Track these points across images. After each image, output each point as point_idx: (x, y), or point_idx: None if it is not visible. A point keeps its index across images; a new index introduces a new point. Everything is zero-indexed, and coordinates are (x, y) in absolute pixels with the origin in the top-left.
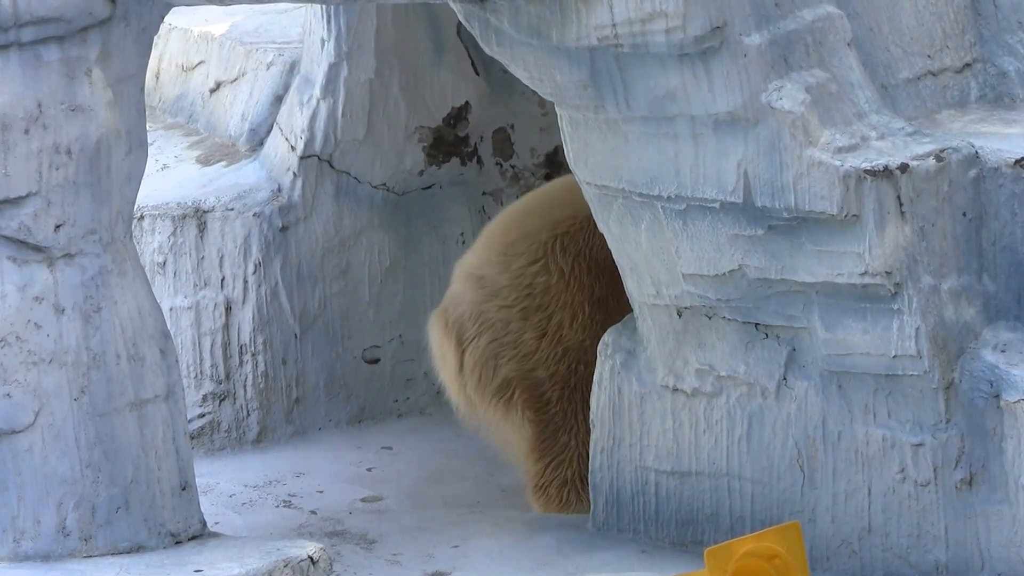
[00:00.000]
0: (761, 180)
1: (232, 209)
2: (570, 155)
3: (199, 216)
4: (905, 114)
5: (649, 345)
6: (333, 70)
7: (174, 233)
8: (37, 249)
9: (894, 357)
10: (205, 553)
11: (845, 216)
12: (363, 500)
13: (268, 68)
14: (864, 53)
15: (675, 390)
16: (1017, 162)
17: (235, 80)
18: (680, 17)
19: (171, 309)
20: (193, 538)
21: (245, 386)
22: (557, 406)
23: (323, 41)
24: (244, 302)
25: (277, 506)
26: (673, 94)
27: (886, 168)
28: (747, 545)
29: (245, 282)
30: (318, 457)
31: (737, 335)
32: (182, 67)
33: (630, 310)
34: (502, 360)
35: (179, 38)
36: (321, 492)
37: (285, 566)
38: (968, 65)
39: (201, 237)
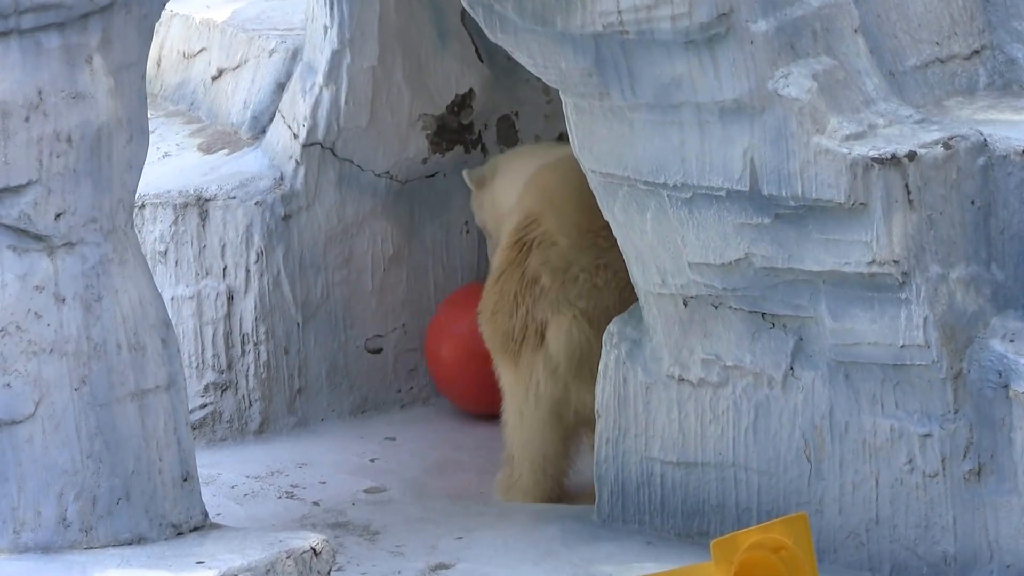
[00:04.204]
0: (768, 168)
1: (234, 197)
2: (575, 143)
3: (201, 205)
4: (913, 101)
5: (655, 335)
6: (336, 57)
7: (175, 222)
8: (37, 238)
9: (902, 347)
10: (207, 544)
11: (852, 204)
12: (366, 491)
13: (270, 55)
14: (872, 40)
15: (681, 380)
16: None
17: (237, 67)
18: (686, 4)
19: (172, 298)
20: (195, 529)
21: (247, 376)
22: None
23: (326, 28)
24: (246, 291)
25: (279, 497)
26: (679, 81)
27: (894, 156)
28: (753, 536)
29: (247, 271)
30: (320, 448)
31: (743, 324)
32: (183, 54)
33: None
34: None
35: (181, 25)
36: (324, 483)
37: (288, 557)
38: (977, 52)
39: (203, 226)
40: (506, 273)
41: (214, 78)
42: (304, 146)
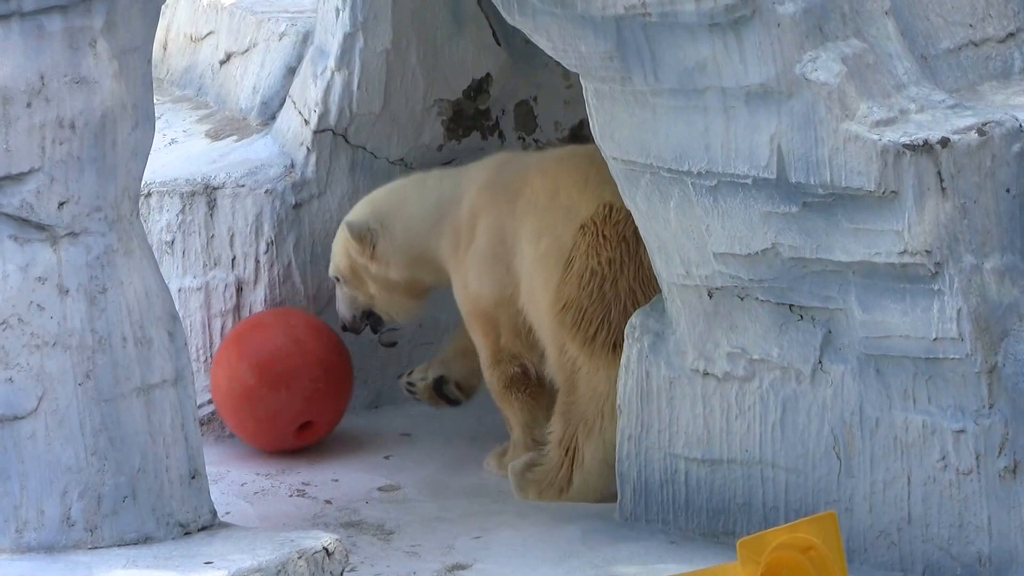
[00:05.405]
0: (795, 155)
1: (243, 185)
2: (596, 129)
3: (209, 193)
4: (946, 86)
5: (678, 327)
6: (348, 40)
7: (183, 211)
8: (40, 227)
9: (934, 340)
10: (216, 544)
11: (883, 192)
12: (380, 489)
13: (280, 39)
14: (903, 22)
15: (706, 374)
16: None
17: (246, 51)
18: None
19: (180, 290)
20: (203, 529)
21: None
22: None
23: (338, 10)
24: (256, 282)
25: (291, 495)
26: (703, 65)
27: (926, 142)
28: (781, 536)
29: (257, 261)
30: (333, 444)
31: (770, 317)
32: (191, 37)
33: None
34: None
35: (187, 7)
36: (336, 481)
37: (299, 558)
38: (1012, 35)
39: (211, 215)
40: (607, 271)
41: (222, 62)
42: (315, 132)
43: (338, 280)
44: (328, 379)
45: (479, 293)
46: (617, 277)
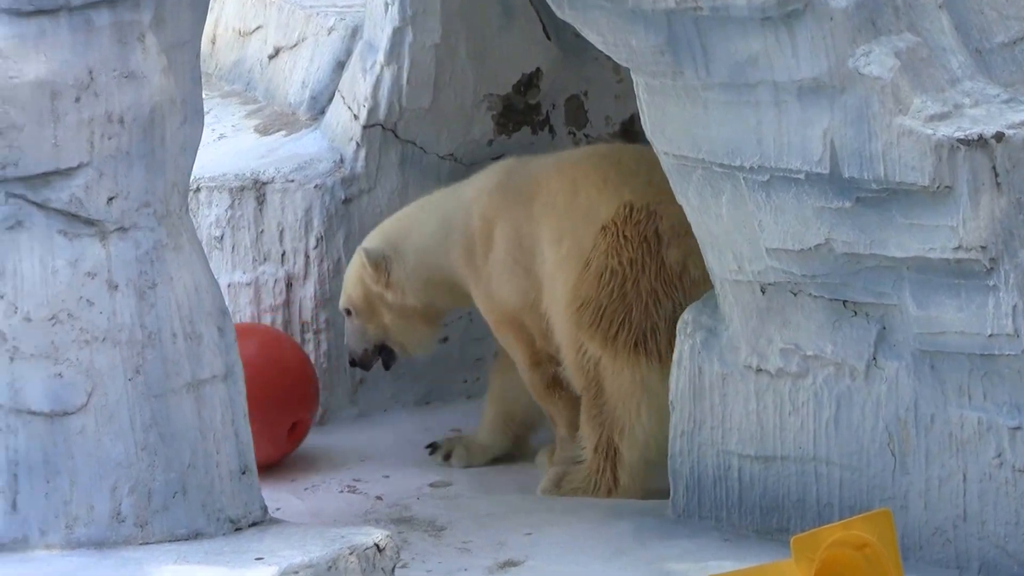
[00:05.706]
0: (848, 150)
1: (292, 180)
2: (647, 124)
3: (258, 188)
4: (1000, 80)
5: (731, 323)
6: (397, 35)
7: (232, 206)
8: (89, 222)
9: (990, 336)
10: (266, 540)
11: (937, 188)
12: (431, 485)
13: (329, 33)
14: (957, 16)
15: (759, 370)
16: None
17: (295, 46)
18: None
19: (229, 285)
20: (253, 524)
21: None
22: None
23: (387, 4)
24: (306, 278)
25: (341, 491)
26: (755, 60)
27: (980, 137)
28: (835, 533)
29: (307, 257)
30: (384, 440)
31: (824, 313)
32: (239, 32)
33: None
34: None
35: (236, 2)
36: (387, 477)
37: (350, 554)
38: None
39: (260, 210)
40: (627, 271)
41: (271, 57)
42: (365, 127)
43: (348, 313)
44: (270, 390)
45: (503, 300)
46: (639, 277)
